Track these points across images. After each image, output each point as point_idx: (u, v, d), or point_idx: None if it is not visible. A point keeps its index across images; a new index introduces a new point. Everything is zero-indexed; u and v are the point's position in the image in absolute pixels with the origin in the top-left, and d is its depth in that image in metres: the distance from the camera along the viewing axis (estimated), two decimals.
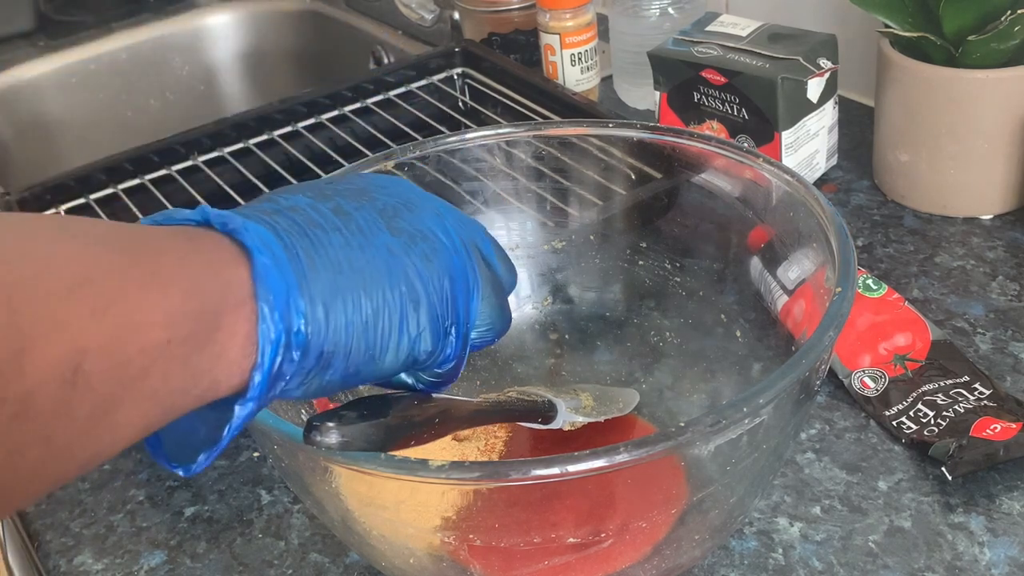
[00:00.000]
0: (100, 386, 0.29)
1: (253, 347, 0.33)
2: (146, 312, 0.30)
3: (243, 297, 0.33)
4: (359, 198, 0.38)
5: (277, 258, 0.34)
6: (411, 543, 0.45)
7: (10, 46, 1.32)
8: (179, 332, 0.31)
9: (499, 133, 0.60)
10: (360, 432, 0.37)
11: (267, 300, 0.33)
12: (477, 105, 0.92)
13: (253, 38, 1.38)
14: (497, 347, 0.63)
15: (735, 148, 0.55)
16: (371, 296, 0.36)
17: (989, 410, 0.57)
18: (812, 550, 0.52)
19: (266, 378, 0.33)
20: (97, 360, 0.29)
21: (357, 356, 0.36)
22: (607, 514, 0.43)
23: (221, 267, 0.33)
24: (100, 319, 0.29)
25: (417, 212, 0.39)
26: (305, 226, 0.36)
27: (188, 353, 0.31)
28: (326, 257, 0.35)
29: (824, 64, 0.76)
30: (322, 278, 0.34)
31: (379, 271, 0.36)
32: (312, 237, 0.35)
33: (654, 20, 0.93)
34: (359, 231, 0.37)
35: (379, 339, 0.36)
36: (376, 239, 0.37)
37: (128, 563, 0.57)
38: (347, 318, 0.35)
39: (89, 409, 0.29)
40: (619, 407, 0.55)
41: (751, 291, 0.56)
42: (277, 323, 0.33)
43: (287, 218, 0.36)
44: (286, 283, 0.33)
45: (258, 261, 0.33)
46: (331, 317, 0.34)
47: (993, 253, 0.72)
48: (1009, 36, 0.68)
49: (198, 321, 0.31)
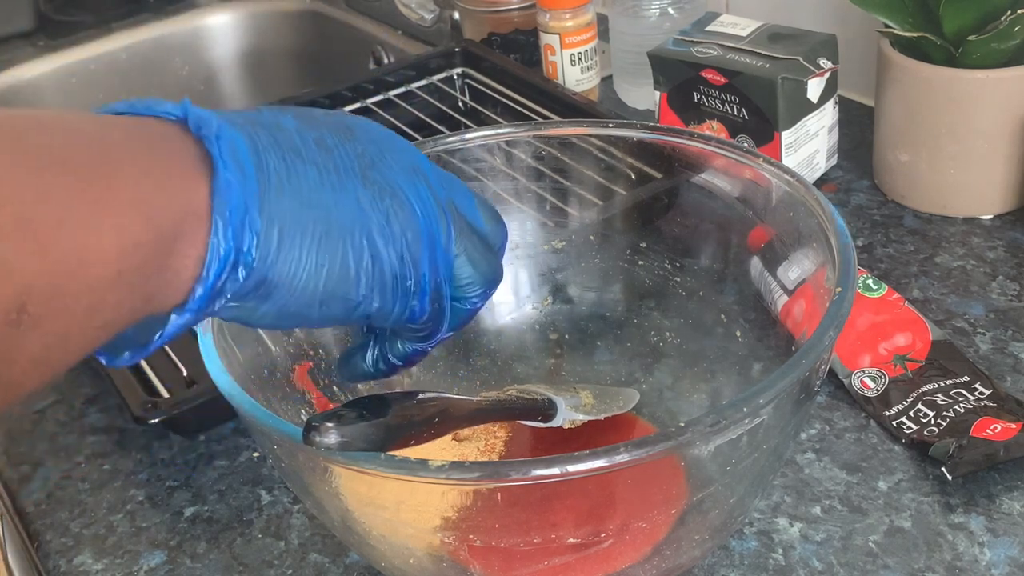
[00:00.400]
0: (48, 325, 0.28)
1: (203, 265, 0.32)
2: (96, 247, 0.29)
3: (201, 215, 0.32)
4: (344, 135, 0.38)
5: (245, 172, 0.33)
6: (411, 543, 0.45)
7: (10, 46, 1.32)
8: (131, 262, 0.30)
9: (499, 133, 0.60)
10: (360, 432, 0.37)
11: (222, 215, 0.32)
12: (477, 105, 0.92)
13: (253, 38, 1.38)
14: (497, 347, 0.63)
15: (735, 148, 0.55)
16: (329, 243, 0.35)
17: (989, 410, 0.57)
18: (812, 550, 0.52)
19: (208, 292, 0.32)
20: (43, 301, 0.28)
21: (300, 297, 0.35)
22: (607, 514, 0.43)
23: (182, 183, 0.32)
24: (46, 257, 0.28)
25: (393, 165, 0.38)
26: (284, 147, 0.35)
27: (141, 281, 0.31)
28: (296, 186, 0.34)
29: (824, 64, 0.76)
30: (286, 205, 0.34)
31: (343, 219, 0.35)
32: (288, 161, 0.34)
33: (654, 20, 0.93)
34: (335, 170, 0.36)
35: (328, 287, 0.35)
36: (348, 184, 0.36)
37: (128, 563, 0.57)
38: (300, 255, 0.34)
39: (36, 348, 0.28)
40: (619, 405, 0.55)
41: (751, 291, 0.56)
42: (228, 240, 0.32)
43: (269, 134, 0.35)
44: (246, 199, 0.32)
45: (220, 175, 0.32)
46: (284, 248, 0.34)
47: (993, 253, 0.72)
48: (1009, 36, 0.68)
49: (153, 248, 0.31)
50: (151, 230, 0.30)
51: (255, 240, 0.33)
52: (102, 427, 0.67)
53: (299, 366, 0.54)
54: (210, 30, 1.37)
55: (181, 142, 0.33)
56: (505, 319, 0.63)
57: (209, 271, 0.32)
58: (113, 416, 0.68)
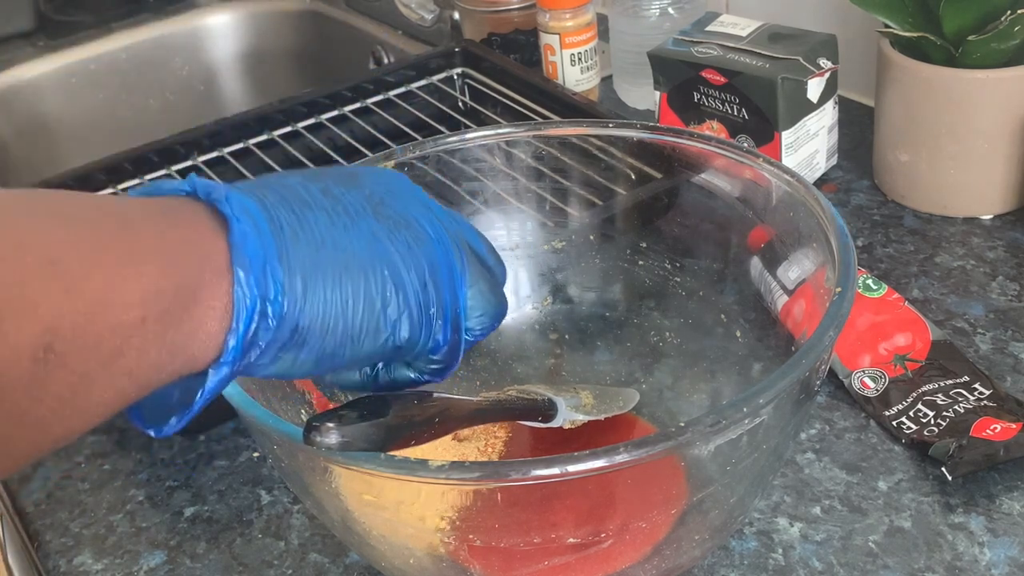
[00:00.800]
0: (73, 364, 0.29)
1: (230, 317, 0.33)
2: (120, 290, 0.30)
3: (221, 268, 0.33)
4: (348, 183, 0.39)
5: (259, 227, 0.34)
6: (411, 543, 0.45)
7: (10, 46, 1.32)
8: (154, 310, 0.31)
9: (499, 133, 0.60)
10: (360, 432, 0.37)
11: (243, 264, 0.33)
12: (477, 105, 0.92)
13: (253, 38, 1.38)
14: (497, 347, 0.63)
15: (735, 148, 0.55)
16: (352, 276, 0.36)
17: (989, 410, 0.57)
18: (812, 550, 0.52)
19: (240, 343, 0.33)
20: (68, 339, 0.29)
21: (334, 336, 0.36)
22: (607, 514, 0.43)
23: (199, 240, 0.33)
24: (72, 298, 0.29)
25: (404, 201, 0.40)
26: (292, 201, 0.36)
27: (164, 330, 0.31)
28: (310, 233, 0.35)
29: (824, 64, 0.76)
30: (304, 251, 0.35)
31: (362, 253, 0.36)
32: (298, 212, 0.36)
33: (654, 20, 0.93)
34: (345, 212, 0.37)
35: (358, 321, 0.36)
36: (361, 222, 0.37)
37: (128, 563, 0.57)
38: (326, 295, 0.35)
39: (61, 387, 0.29)
40: (619, 405, 0.55)
41: (751, 291, 0.56)
42: (252, 288, 0.33)
43: (275, 193, 0.36)
44: (264, 250, 0.33)
45: (235, 229, 0.33)
46: (310, 291, 0.34)
47: (993, 253, 0.72)
48: (1009, 36, 0.68)
49: (175, 297, 0.32)
50: (172, 278, 0.32)
51: (280, 288, 0.34)
52: (102, 427, 0.67)
53: None
54: (210, 30, 1.37)
55: (194, 209, 0.34)
56: (505, 319, 0.63)
57: (238, 321, 0.33)
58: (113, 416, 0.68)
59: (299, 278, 0.34)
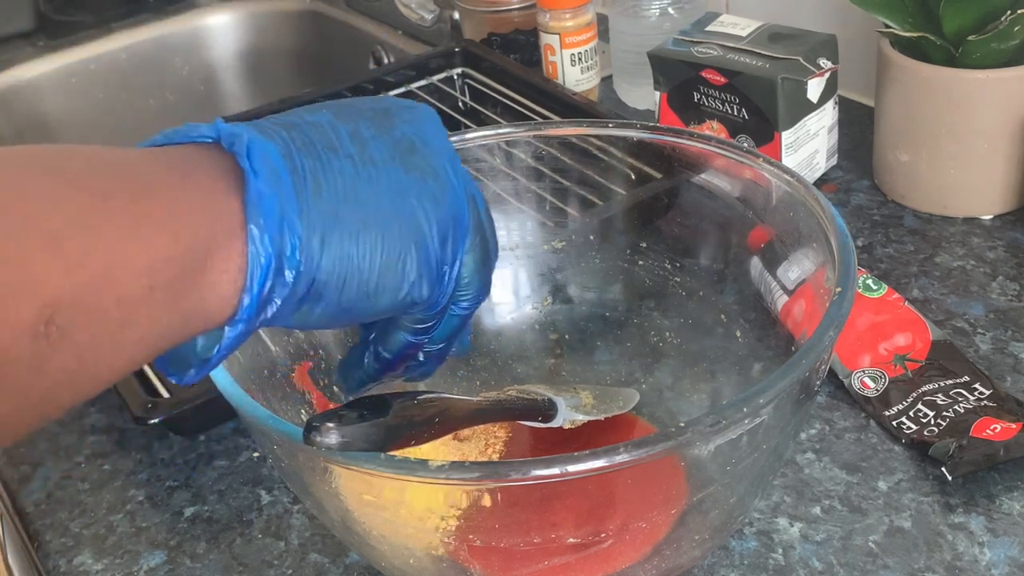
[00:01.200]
0: (78, 338, 0.29)
1: (245, 276, 0.33)
2: (125, 262, 0.30)
3: (235, 228, 0.32)
4: (380, 123, 0.37)
5: (280, 178, 0.33)
6: (411, 543, 0.45)
7: (10, 46, 1.32)
8: (162, 278, 0.31)
9: (499, 133, 0.60)
10: (360, 432, 0.37)
11: (257, 223, 0.32)
12: (477, 105, 0.92)
13: (253, 38, 1.38)
14: (497, 347, 0.63)
15: (735, 148, 0.55)
16: (372, 233, 0.35)
17: (989, 410, 0.57)
18: (812, 550, 0.52)
19: (255, 301, 0.33)
20: (72, 314, 0.29)
21: (351, 291, 0.35)
22: (607, 514, 0.43)
23: (214, 201, 0.32)
24: (75, 273, 0.29)
25: (434, 148, 0.38)
26: (319, 146, 0.35)
27: (174, 297, 0.31)
28: (333, 184, 0.34)
29: (824, 64, 0.76)
30: (325, 205, 0.34)
31: (384, 208, 0.35)
32: (323, 160, 0.35)
33: (654, 20, 0.93)
34: (371, 162, 0.36)
35: (376, 277, 0.36)
36: (387, 174, 0.36)
37: (128, 563, 0.57)
38: (344, 250, 0.34)
39: (67, 360, 0.29)
40: (619, 405, 0.55)
41: (751, 291, 0.56)
42: (267, 246, 0.32)
43: (303, 135, 0.35)
44: (282, 205, 0.33)
45: (252, 186, 0.32)
46: (327, 247, 0.34)
47: (993, 253, 0.72)
48: (1009, 36, 0.68)
49: (185, 263, 0.31)
50: (180, 245, 0.31)
51: (297, 243, 0.33)
52: (102, 427, 0.67)
53: (299, 366, 0.54)
54: (210, 30, 1.37)
55: (215, 162, 0.33)
56: (505, 319, 0.63)
57: (252, 280, 0.32)
58: (113, 416, 0.68)
59: (318, 234, 0.34)
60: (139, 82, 1.32)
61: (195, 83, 1.36)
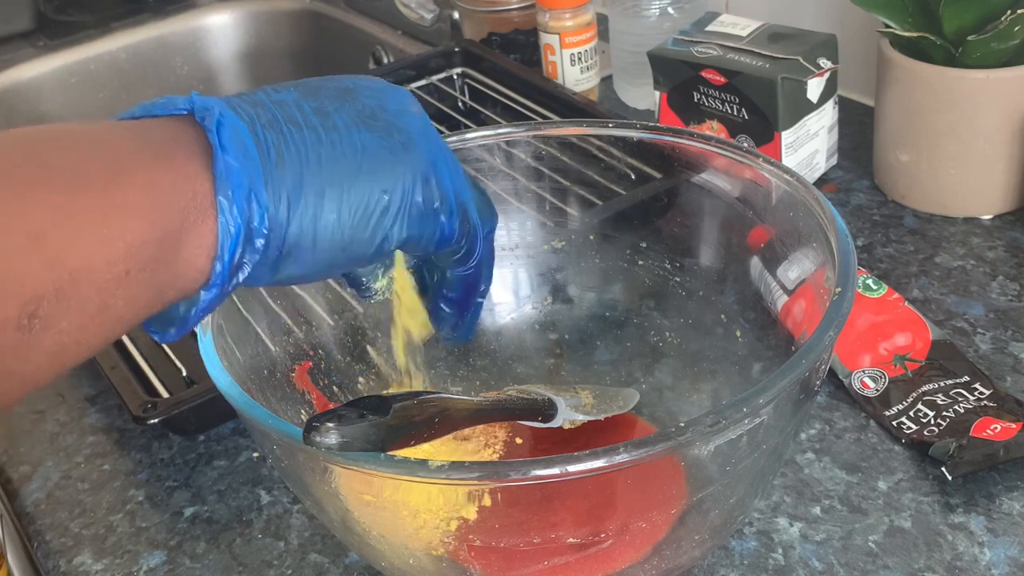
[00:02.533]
0: (60, 324, 0.31)
1: (217, 246, 0.35)
2: (103, 253, 0.32)
3: (207, 206, 0.34)
4: (343, 98, 0.40)
5: (247, 152, 0.35)
6: (411, 543, 0.45)
7: (10, 46, 1.32)
8: (138, 261, 0.33)
9: (499, 133, 0.60)
10: (360, 432, 0.37)
11: (226, 195, 0.34)
12: (477, 105, 0.92)
13: (253, 38, 1.38)
14: (497, 347, 0.63)
15: (735, 148, 0.55)
16: (336, 191, 0.37)
17: (989, 410, 0.57)
18: (812, 550, 0.52)
19: (227, 268, 0.35)
20: (54, 305, 0.30)
21: (324, 247, 0.37)
22: (607, 514, 0.43)
23: (187, 181, 0.34)
24: (55, 268, 0.30)
25: (397, 109, 0.41)
26: (283, 121, 0.37)
27: (151, 276, 0.33)
28: (296, 153, 0.37)
29: (824, 64, 0.76)
30: (289, 173, 0.36)
31: (348, 166, 0.38)
32: (287, 133, 0.37)
33: (654, 20, 0.93)
34: (334, 128, 0.38)
35: (346, 232, 0.38)
36: (350, 136, 0.38)
37: (128, 563, 0.57)
38: (311, 212, 0.37)
39: (50, 344, 0.31)
40: (619, 405, 0.55)
41: (751, 291, 0.56)
42: (236, 217, 0.34)
43: (269, 112, 0.37)
44: (249, 176, 0.35)
45: (220, 161, 0.35)
46: (294, 211, 0.36)
47: (993, 253, 0.72)
48: (1009, 36, 0.68)
49: (160, 245, 0.33)
50: (156, 229, 0.33)
51: (264, 212, 0.35)
52: (102, 427, 0.67)
53: (299, 366, 0.54)
54: (210, 30, 1.37)
55: (187, 137, 0.35)
56: (505, 319, 0.63)
57: (223, 249, 0.35)
58: (113, 416, 0.68)
59: (284, 200, 0.36)
60: (139, 82, 1.32)
61: (195, 83, 1.36)
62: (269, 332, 0.52)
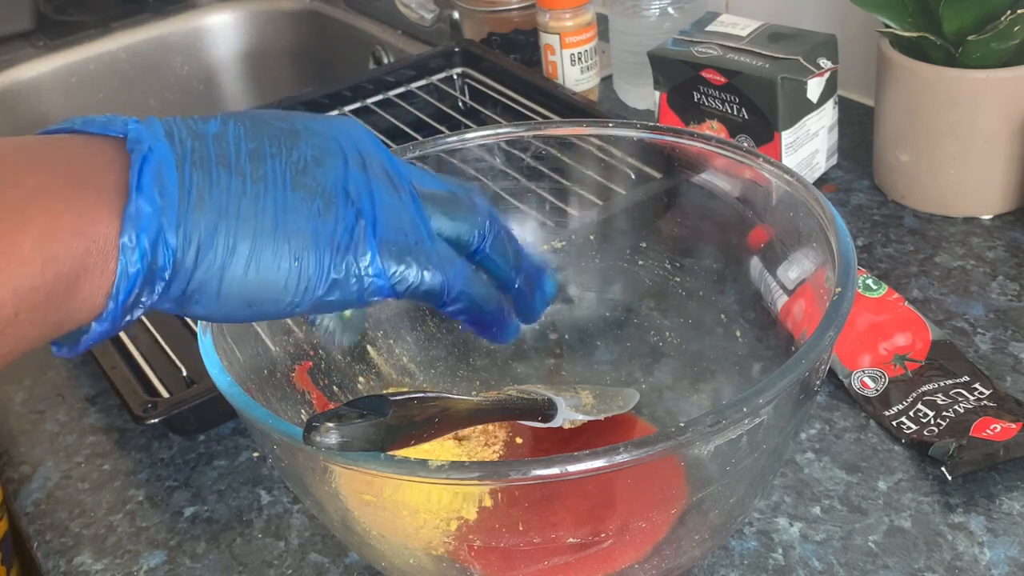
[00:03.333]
0: None
1: (112, 285, 0.34)
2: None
3: (110, 249, 0.34)
4: (285, 142, 0.39)
5: (165, 192, 0.35)
6: (411, 543, 0.45)
7: (10, 46, 1.32)
8: (27, 304, 0.33)
9: (499, 133, 0.60)
10: (360, 432, 0.37)
11: (131, 238, 0.34)
12: (477, 105, 0.92)
13: (253, 38, 1.38)
14: (497, 347, 0.63)
15: (735, 148, 0.55)
16: (249, 246, 0.36)
17: (989, 410, 0.57)
18: (812, 550, 0.52)
19: (120, 307, 0.35)
20: None
21: (232, 299, 0.37)
22: (607, 514, 0.43)
23: (92, 222, 0.34)
24: None
25: (329, 165, 0.39)
26: (215, 161, 0.37)
27: (41, 316, 0.33)
28: (218, 199, 0.36)
29: (824, 64, 0.76)
30: (205, 218, 0.36)
31: (265, 225, 0.37)
32: (214, 176, 0.36)
33: (654, 20, 0.93)
34: (261, 179, 0.37)
35: (256, 290, 0.37)
36: (272, 193, 0.37)
37: (128, 563, 0.57)
38: (220, 262, 0.36)
39: None
40: (619, 405, 0.55)
41: (751, 291, 0.56)
42: (136, 262, 0.34)
43: (205, 147, 0.37)
44: (160, 220, 0.34)
45: (132, 203, 0.34)
46: (203, 257, 0.36)
47: (993, 253, 0.72)
48: (1009, 36, 0.68)
49: (52, 288, 0.33)
50: (48, 275, 0.33)
51: (170, 256, 0.35)
52: (102, 427, 0.67)
53: (299, 366, 0.54)
54: (210, 30, 1.37)
55: (111, 166, 0.35)
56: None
57: (119, 290, 0.34)
58: (113, 416, 0.68)
59: (194, 245, 0.35)
60: (139, 82, 1.32)
61: (195, 83, 1.36)
62: (269, 332, 0.52)
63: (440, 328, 0.62)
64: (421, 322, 0.61)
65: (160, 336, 0.69)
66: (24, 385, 0.72)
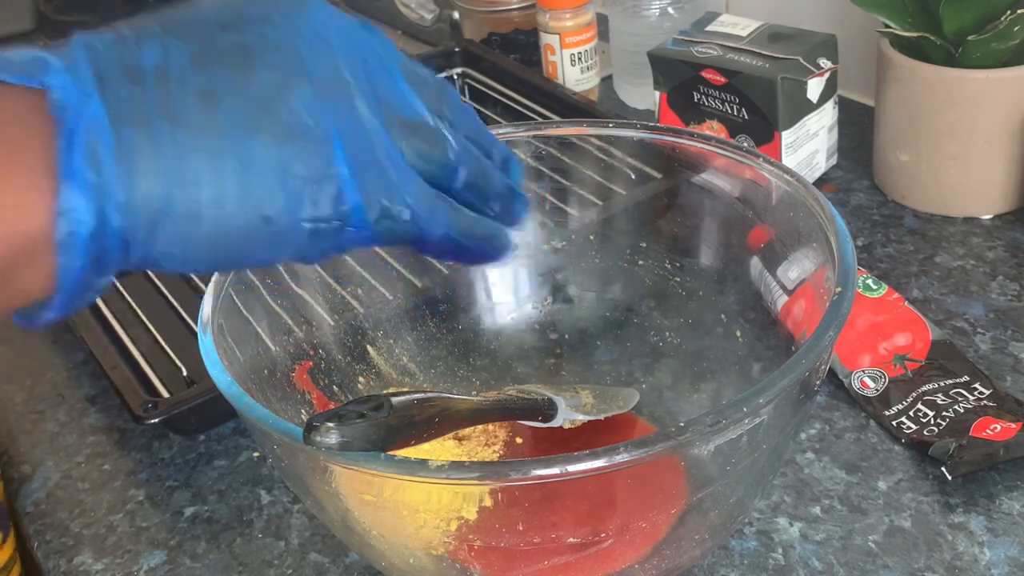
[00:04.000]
0: None
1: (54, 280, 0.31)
2: None
3: (46, 245, 0.30)
4: (241, 65, 0.33)
5: (103, 169, 0.30)
6: (411, 543, 0.45)
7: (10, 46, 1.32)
8: None
9: (499, 133, 0.60)
10: (360, 432, 0.37)
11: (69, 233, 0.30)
12: (477, 105, 0.92)
13: None
14: (497, 347, 0.63)
15: (735, 148, 0.55)
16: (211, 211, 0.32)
17: (989, 410, 0.57)
18: (812, 550, 0.52)
19: (68, 297, 0.32)
20: None
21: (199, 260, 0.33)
22: (607, 514, 0.43)
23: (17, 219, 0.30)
24: None
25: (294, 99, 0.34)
26: (155, 113, 0.32)
27: None
28: (166, 162, 0.31)
29: (824, 64, 0.76)
30: (154, 187, 0.31)
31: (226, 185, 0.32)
32: (157, 132, 0.31)
33: (654, 20, 0.93)
34: (214, 129, 0.32)
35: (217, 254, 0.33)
36: (232, 144, 0.33)
37: (128, 563, 0.57)
38: (178, 229, 0.32)
39: None
40: (619, 405, 0.55)
41: (751, 291, 0.56)
42: (78, 257, 0.31)
43: (143, 95, 0.32)
44: (98, 204, 0.30)
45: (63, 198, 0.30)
46: (156, 230, 0.32)
47: (993, 253, 0.72)
48: (1009, 36, 0.68)
49: None
50: None
51: (118, 239, 0.31)
52: (102, 427, 0.67)
53: (299, 366, 0.54)
54: None
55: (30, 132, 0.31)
56: (505, 319, 0.63)
57: (63, 283, 0.31)
58: (113, 416, 0.68)
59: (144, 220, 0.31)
60: None
61: None
62: (269, 332, 0.52)
63: (440, 328, 0.62)
64: (421, 322, 0.62)
65: (160, 336, 0.69)
66: (24, 385, 0.72)
